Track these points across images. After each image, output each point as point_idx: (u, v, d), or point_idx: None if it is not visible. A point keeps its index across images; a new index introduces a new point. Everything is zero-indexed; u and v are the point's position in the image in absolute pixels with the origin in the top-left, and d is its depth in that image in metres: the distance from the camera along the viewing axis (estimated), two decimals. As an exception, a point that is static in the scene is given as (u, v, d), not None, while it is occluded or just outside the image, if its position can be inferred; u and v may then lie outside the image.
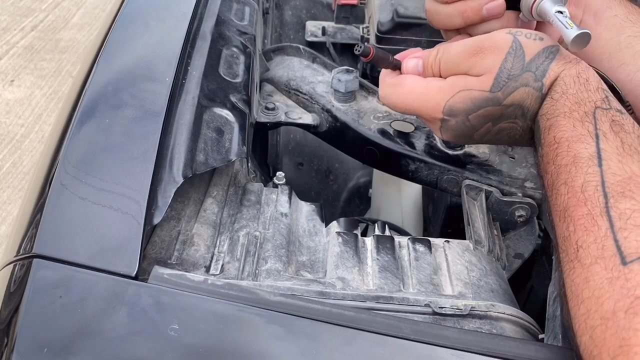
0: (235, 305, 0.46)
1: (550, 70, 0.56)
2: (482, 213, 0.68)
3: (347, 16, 1.36)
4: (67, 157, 0.56)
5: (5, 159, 2.35)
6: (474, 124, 0.60)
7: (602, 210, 0.44)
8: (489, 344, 0.45)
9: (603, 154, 0.47)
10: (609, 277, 0.40)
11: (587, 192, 0.46)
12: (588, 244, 0.43)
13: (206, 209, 0.62)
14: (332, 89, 0.82)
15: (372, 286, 0.55)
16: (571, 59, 0.56)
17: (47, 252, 0.48)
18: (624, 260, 0.40)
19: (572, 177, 0.48)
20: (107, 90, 0.63)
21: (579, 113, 0.51)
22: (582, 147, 0.49)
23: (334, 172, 1.34)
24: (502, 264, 0.64)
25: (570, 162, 0.49)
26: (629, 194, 0.44)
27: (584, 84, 0.54)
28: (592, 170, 0.47)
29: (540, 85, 0.56)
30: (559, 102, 0.54)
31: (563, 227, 0.47)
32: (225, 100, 0.68)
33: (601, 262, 0.41)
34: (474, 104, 0.58)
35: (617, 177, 0.45)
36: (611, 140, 0.48)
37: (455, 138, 0.63)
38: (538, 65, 0.56)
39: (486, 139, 0.62)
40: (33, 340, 0.43)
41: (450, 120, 0.60)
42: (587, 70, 0.55)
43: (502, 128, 0.60)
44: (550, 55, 0.57)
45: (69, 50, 3.02)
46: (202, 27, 0.76)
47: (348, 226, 0.64)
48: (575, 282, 0.43)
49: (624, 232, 0.42)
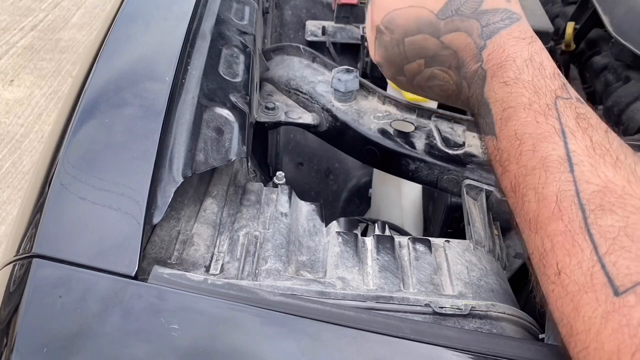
0: (235, 305, 0.46)
1: (499, 37, 0.52)
2: (483, 213, 0.68)
3: (347, 16, 1.36)
4: (67, 157, 0.56)
5: (4, 159, 2.35)
6: (407, 52, 0.57)
7: (581, 228, 0.40)
8: (489, 343, 0.45)
9: (573, 157, 0.43)
10: (603, 310, 0.37)
11: (563, 204, 0.42)
12: (571, 269, 0.40)
13: (206, 208, 0.62)
14: (332, 88, 0.82)
15: (372, 286, 0.55)
16: (526, 36, 0.52)
17: (46, 252, 0.48)
18: (617, 291, 0.37)
19: (542, 183, 0.44)
20: (107, 89, 0.63)
21: (540, 105, 0.47)
22: (550, 148, 0.44)
23: (334, 172, 1.34)
24: (502, 264, 0.64)
25: (538, 165, 0.45)
26: (608, 206, 0.40)
27: (539, 68, 0.49)
28: (565, 177, 0.42)
29: (482, 45, 0.52)
30: (513, 89, 0.49)
31: (536, 239, 0.44)
32: (225, 99, 0.68)
33: (590, 292, 0.38)
34: (415, 24, 0.56)
35: (592, 186, 0.41)
36: (580, 140, 0.44)
37: (385, 61, 0.61)
38: (489, 21, 0.53)
39: (417, 82, 0.60)
40: (33, 340, 0.43)
41: (385, 35, 0.59)
42: (541, 52, 0.51)
43: (435, 75, 0.58)
44: (507, 20, 0.52)
45: (68, 50, 3.02)
46: (202, 27, 0.76)
47: (348, 226, 0.64)
48: (562, 309, 0.40)
49: (611, 256, 0.38)
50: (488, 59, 0.52)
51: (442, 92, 0.59)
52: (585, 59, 1.16)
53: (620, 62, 1.03)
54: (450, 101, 0.61)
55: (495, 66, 0.52)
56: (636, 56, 0.96)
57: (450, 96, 0.59)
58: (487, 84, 0.52)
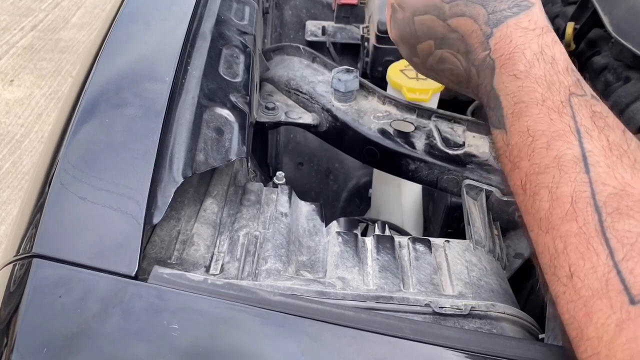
0: (235, 305, 0.46)
1: (505, 26, 0.50)
2: (483, 213, 0.68)
3: (347, 16, 1.37)
4: (67, 157, 0.56)
5: (5, 159, 2.35)
6: (417, 32, 0.57)
7: (596, 231, 0.39)
8: (489, 343, 0.45)
9: (589, 158, 0.41)
10: (617, 318, 0.36)
11: (578, 205, 0.40)
12: (585, 273, 0.38)
13: (206, 208, 0.62)
14: (332, 88, 0.82)
15: (372, 286, 0.55)
16: (536, 27, 0.49)
17: (46, 252, 0.48)
18: (633, 300, 0.36)
19: (556, 182, 0.42)
20: (107, 89, 0.63)
21: (554, 102, 0.45)
22: (564, 147, 0.43)
23: (334, 172, 1.34)
24: (502, 264, 0.64)
25: (552, 163, 0.43)
26: (625, 210, 0.38)
27: (551, 63, 0.47)
28: (581, 178, 0.41)
29: (489, 33, 0.50)
30: (525, 82, 0.47)
31: (546, 239, 0.42)
32: (225, 99, 0.68)
33: (605, 299, 0.37)
34: (422, 4, 0.56)
35: (609, 189, 0.40)
36: (596, 139, 0.42)
37: (400, 40, 0.62)
38: (496, 8, 0.51)
39: (430, 64, 0.59)
40: (33, 340, 0.43)
41: (399, 12, 0.59)
42: (553, 46, 0.49)
43: (445, 57, 0.57)
44: (515, 8, 0.50)
45: (68, 50, 3.02)
46: (202, 27, 0.76)
47: (348, 226, 0.64)
48: (574, 313, 0.39)
49: (628, 263, 0.37)
50: (495, 48, 0.51)
51: (453, 77, 0.58)
52: (585, 59, 1.16)
53: (620, 62, 1.03)
54: (461, 89, 0.59)
55: (504, 57, 0.50)
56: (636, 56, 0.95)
57: (461, 82, 0.58)
58: (497, 74, 0.50)
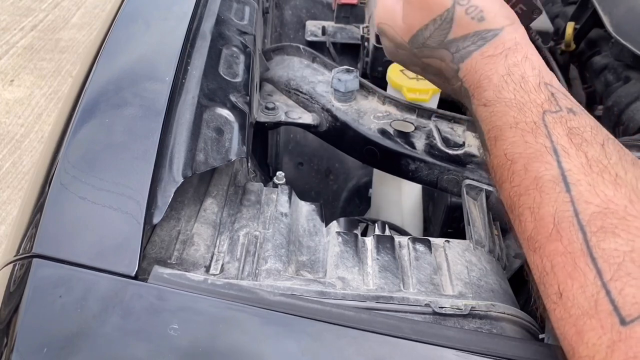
0: (235, 305, 0.46)
1: (471, 59, 0.51)
2: (483, 213, 0.68)
3: (347, 16, 1.36)
4: (67, 157, 0.56)
5: (5, 159, 2.35)
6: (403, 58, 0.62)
7: (582, 251, 0.38)
8: (489, 343, 0.45)
9: (569, 177, 0.41)
10: (609, 339, 0.36)
11: (561, 225, 0.40)
12: (574, 293, 0.38)
13: (206, 208, 0.62)
14: (332, 88, 0.82)
15: (372, 286, 0.54)
16: (503, 49, 0.49)
17: (46, 252, 0.47)
18: (624, 320, 0.35)
19: (537, 204, 0.42)
20: (107, 89, 0.63)
21: (527, 123, 0.45)
22: (542, 169, 0.42)
23: (334, 172, 1.33)
24: (502, 264, 0.64)
25: (532, 185, 0.43)
26: (610, 228, 0.38)
27: (519, 82, 0.47)
28: (562, 198, 0.40)
29: (456, 69, 0.52)
30: (496, 108, 0.47)
31: (535, 257, 0.42)
32: (225, 99, 0.68)
33: (595, 319, 0.37)
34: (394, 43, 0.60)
35: (592, 207, 0.39)
36: (574, 157, 0.42)
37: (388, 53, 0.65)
38: (459, 47, 0.52)
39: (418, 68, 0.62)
40: (33, 340, 0.43)
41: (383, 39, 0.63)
42: (522, 63, 0.48)
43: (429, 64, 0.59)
44: (480, 41, 0.51)
45: (68, 50, 3.02)
46: (202, 27, 0.76)
47: (348, 226, 0.64)
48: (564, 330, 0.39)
49: (617, 283, 0.36)
50: (465, 79, 0.52)
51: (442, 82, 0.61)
52: (585, 59, 1.16)
53: (620, 62, 1.03)
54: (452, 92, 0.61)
55: (473, 87, 0.51)
56: (636, 56, 0.96)
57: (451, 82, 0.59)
58: (472, 103, 0.52)
